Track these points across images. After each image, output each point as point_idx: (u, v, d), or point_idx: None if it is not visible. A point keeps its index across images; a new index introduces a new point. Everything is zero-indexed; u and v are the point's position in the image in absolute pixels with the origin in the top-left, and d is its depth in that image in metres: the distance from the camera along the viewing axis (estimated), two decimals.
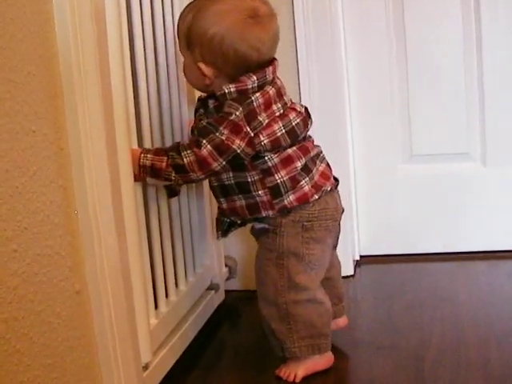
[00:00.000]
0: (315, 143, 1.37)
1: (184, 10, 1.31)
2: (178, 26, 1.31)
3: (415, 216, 1.97)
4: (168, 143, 1.38)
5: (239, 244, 1.77)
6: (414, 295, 1.72)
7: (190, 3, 1.31)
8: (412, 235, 1.98)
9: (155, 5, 1.35)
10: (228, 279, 1.78)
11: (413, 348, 1.43)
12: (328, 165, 1.38)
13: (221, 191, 1.32)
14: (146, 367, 1.23)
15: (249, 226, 1.37)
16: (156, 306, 1.34)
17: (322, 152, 1.38)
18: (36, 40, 0.94)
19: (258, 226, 1.33)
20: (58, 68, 0.99)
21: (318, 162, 1.34)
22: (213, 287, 1.63)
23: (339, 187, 1.39)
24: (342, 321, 1.47)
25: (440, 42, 1.89)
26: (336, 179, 1.38)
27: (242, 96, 1.26)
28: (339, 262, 1.47)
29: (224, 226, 1.38)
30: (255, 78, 1.27)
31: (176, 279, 1.45)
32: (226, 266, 1.75)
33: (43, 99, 0.96)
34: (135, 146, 1.25)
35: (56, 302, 0.97)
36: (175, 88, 1.42)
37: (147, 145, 1.30)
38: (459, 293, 1.71)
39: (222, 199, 1.33)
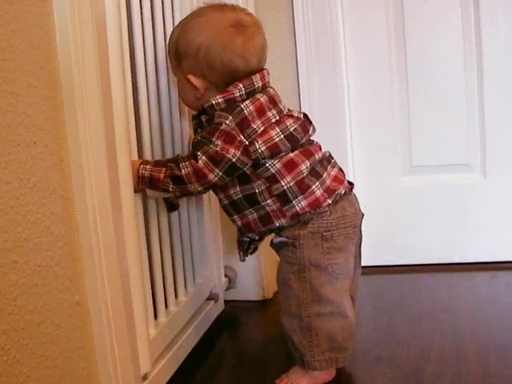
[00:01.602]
0: (322, 149, 1.36)
1: (173, 29, 1.34)
2: (168, 44, 1.33)
3: (415, 227, 1.97)
4: (168, 154, 1.38)
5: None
6: (413, 306, 1.72)
7: (179, 22, 1.34)
8: (412, 246, 1.98)
9: (156, 18, 1.36)
10: (228, 289, 1.78)
11: (413, 359, 1.42)
12: (341, 170, 1.36)
13: (232, 208, 1.32)
14: (145, 377, 1.23)
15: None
16: (155, 317, 1.34)
17: (332, 157, 1.36)
18: (37, 52, 0.95)
19: (277, 239, 1.32)
20: (59, 80, 1.00)
21: (329, 166, 1.33)
22: (212, 297, 1.63)
23: None
24: None
25: (440, 53, 1.89)
26: (350, 183, 1.36)
27: (231, 105, 1.25)
28: (358, 282, 1.45)
29: (244, 246, 1.37)
30: (241, 85, 1.27)
31: (175, 289, 1.45)
32: (225, 276, 1.76)
33: (44, 111, 0.96)
34: (135, 157, 1.25)
35: (56, 313, 0.97)
36: (176, 99, 1.43)
37: (147, 156, 1.31)
38: (459, 304, 1.71)
39: (235, 217, 1.32)
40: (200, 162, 1.23)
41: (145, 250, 1.28)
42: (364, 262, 1.95)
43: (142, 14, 1.30)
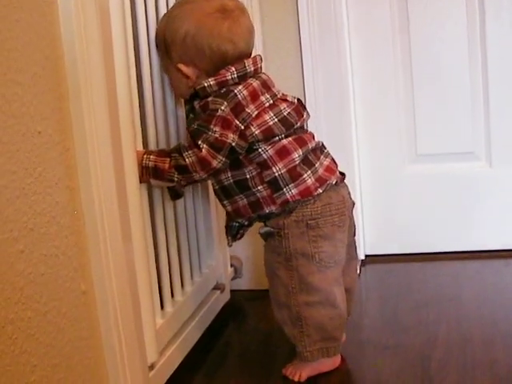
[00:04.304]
0: (316, 138, 1.36)
1: (159, 21, 1.33)
2: (155, 37, 1.32)
3: (420, 215, 1.97)
4: (173, 144, 1.38)
5: (245, 244, 1.77)
6: (419, 295, 1.72)
7: (164, 14, 1.34)
8: (417, 235, 1.98)
9: (160, 7, 1.36)
10: (233, 279, 1.78)
11: (419, 347, 1.43)
12: (333, 160, 1.36)
13: (223, 193, 1.32)
14: (151, 367, 1.23)
15: (255, 226, 1.37)
16: (162, 306, 1.34)
17: (325, 147, 1.37)
18: (42, 42, 0.95)
19: (263, 229, 1.32)
20: (64, 69, 1.00)
21: (322, 156, 1.33)
22: (218, 287, 1.63)
23: None
24: None
25: (445, 42, 1.89)
26: (342, 173, 1.36)
27: (225, 90, 1.26)
28: (357, 275, 1.45)
29: (233, 231, 1.37)
30: (234, 69, 1.28)
31: (182, 279, 1.45)
32: (231, 265, 1.76)
33: (49, 100, 0.96)
34: (140, 147, 1.25)
35: (62, 303, 0.97)
36: None
37: (152, 146, 1.31)
38: (465, 292, 1.71)
39: (225, 202, 1.33)
40: (203, 150, 1.23)
41: (151, 239, 1.28)
42: (369, 251, 1.98)
43: (145, 1, 1.30)
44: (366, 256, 1.97)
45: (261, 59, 1.33)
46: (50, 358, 0.94)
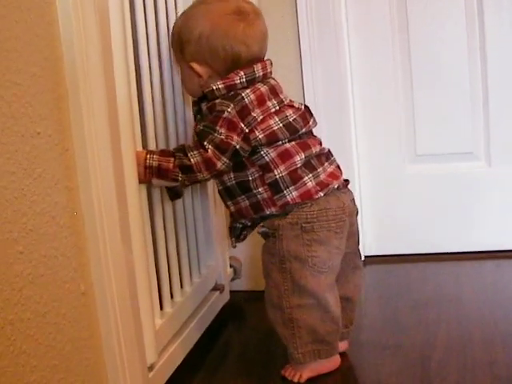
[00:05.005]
0: (323, 145, 1.36)
1: (176, 19, 1.35)
2: (171, 35, 1.34)
3: (420, 216, 1.97)
4: (172, 145, 1.38)
5: (244, 244, 1.75)
6: (419, 295, 1.72)
7: (181, 13, 1.36)
8: (417, 235, 1.98)
9: (159, 8, 1.36)
10: (233, 280, 1.78)
11: (419, 348, 1.42)
12: (338, 167, 1.37)
13: (226, 194, 1.33)
14: (151, 368, 1.23)
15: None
16: (161, 307, 1.34)
17: (332, 155, 1.37)
18: (41, 42, 0.95)
19: (261, 229, 1.33)
20: (63, 70, 1.00)
21: (326, 163, 1.33)
22: (218, 288, 1.63)
23: None
24: (342, 345, 1.41)
25: (444, 42, 1.89)
26: (346, 180, 1.36)
27: (232, 93, 1.27)
28: (362, 284, 1.44)
29: (237, 232, 1.37)
30: (242, 73, 1.28)
31: (181, 280, 1.45)
32: (230, 266, 1.76)
33: (48, 101, 0.96)
34: (139, 148, 1.25)
35: (62, 303, 0.97)
36: (179, 89, 1.42)
37: (152, 146, 1.31)
38: (465, 292, 1.71)
39: (229, 202, 1.34)
40: (209, 151, 1.24)
41: (150, 240, 1.28)
42: (369, 252, 1.98)
43: (144, 2, 1.30)
44: (366, 257, 1.97)
45: (271, 64, 1.34)
46: (50, 358, 0.94)
